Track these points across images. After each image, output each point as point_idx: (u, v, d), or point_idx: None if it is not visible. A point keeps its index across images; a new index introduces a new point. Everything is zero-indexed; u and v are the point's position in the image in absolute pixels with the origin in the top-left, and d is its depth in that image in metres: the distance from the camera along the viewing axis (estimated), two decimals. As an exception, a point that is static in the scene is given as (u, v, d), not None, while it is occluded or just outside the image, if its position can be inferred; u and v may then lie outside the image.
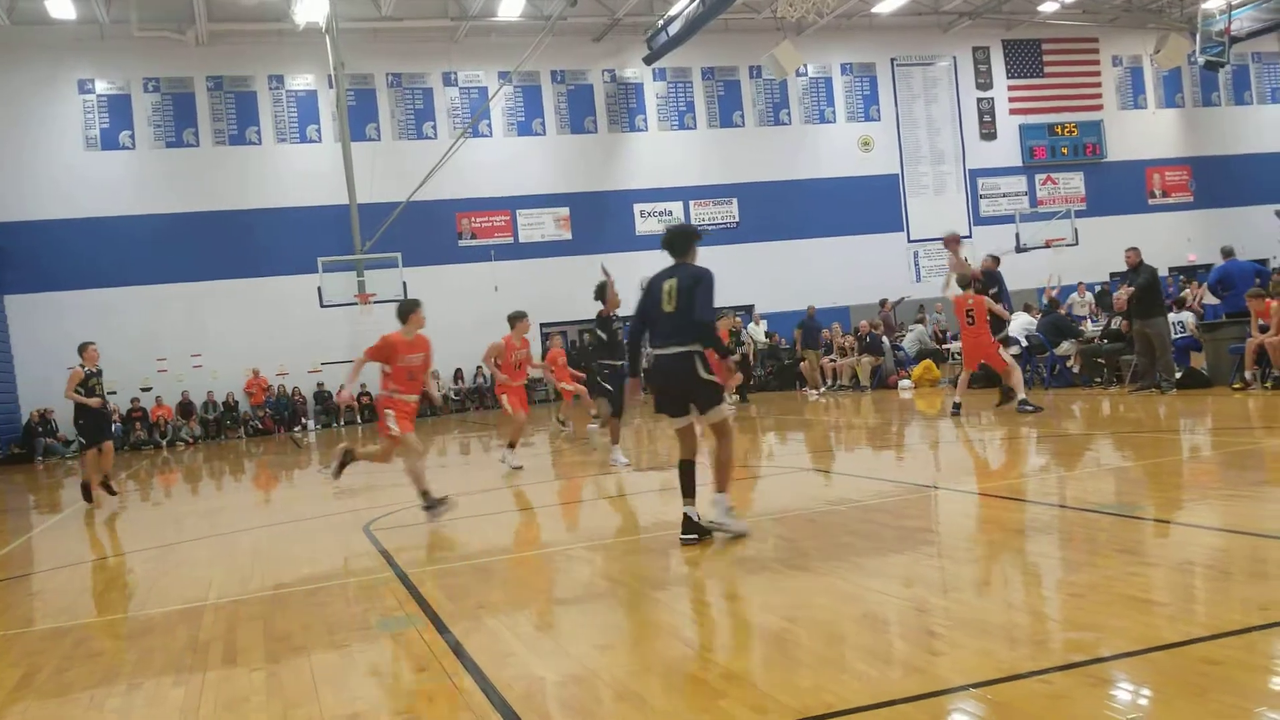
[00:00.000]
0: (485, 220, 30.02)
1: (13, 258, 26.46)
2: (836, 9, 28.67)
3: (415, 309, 9.11)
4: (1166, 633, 4.12)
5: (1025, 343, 17.97)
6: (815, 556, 6.25)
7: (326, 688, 4.49)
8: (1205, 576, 5.09)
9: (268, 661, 4.99)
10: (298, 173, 28.51)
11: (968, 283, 14.47)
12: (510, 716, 3.88)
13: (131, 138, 27.79)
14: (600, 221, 30.53)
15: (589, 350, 11.92)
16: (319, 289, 26.16)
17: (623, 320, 11.40)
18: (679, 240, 7.03)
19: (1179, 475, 8.49)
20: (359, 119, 28.73)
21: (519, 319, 12.58)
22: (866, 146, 32.72)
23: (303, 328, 27.65)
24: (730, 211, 31.75)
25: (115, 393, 26.76)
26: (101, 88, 27.70)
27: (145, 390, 27.17)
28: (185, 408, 27.33)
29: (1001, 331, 14.62)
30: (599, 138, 31.04)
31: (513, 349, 12.69)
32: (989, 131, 34.00)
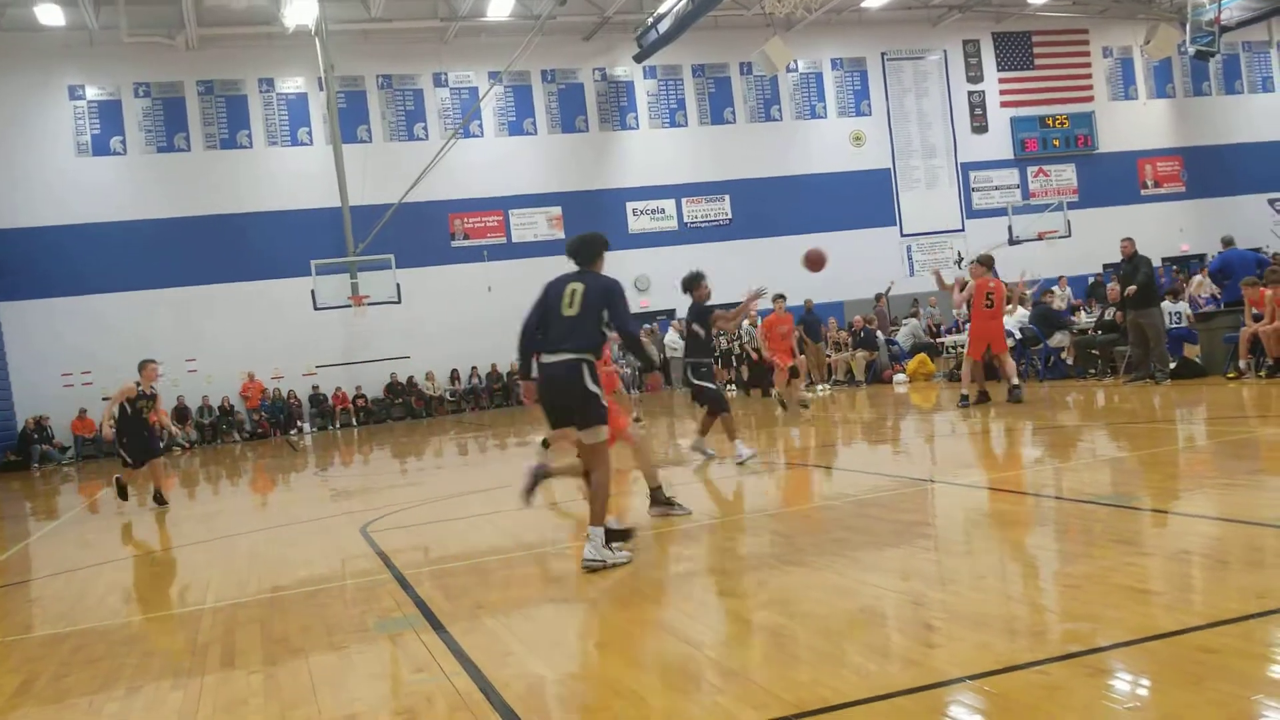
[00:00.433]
0: (478, 220, 30.00)
1: (6, 264, 26.40)
2: (825, 4, 28.68)
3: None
4: (1163, 622, 4.13)
5: (1018, 335, 17.99)
6: (811, 552, 6.26)
7: (325, 689, 4.49)
8: (1202, 566, 5.10)
9: (266, 664, 4.99)
10: (289, 176, 28.47)
11: (990, 263, 14.73)
12: (509, 716, 3.88)
13: (123, 143, 27.73)
14: (593, 220, 30.42)
15: (687, 347, 11.05)
16: (313, 292, 26.14)
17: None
18: (584, 248, 6.68)
19: (1174, 465, 8.51)
20: (350, 121, 28.69)
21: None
22: (858, 141, 32.73)
23: (297, 331, 27.63)
24: (723, 208, 31.76)
25: (110, 398, 26.76)
26: (92, 94, 27.64)
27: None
28: (180, 412, 27.29)
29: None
30: (590, 136, 31.03)
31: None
32: (980, 124, 34.03)
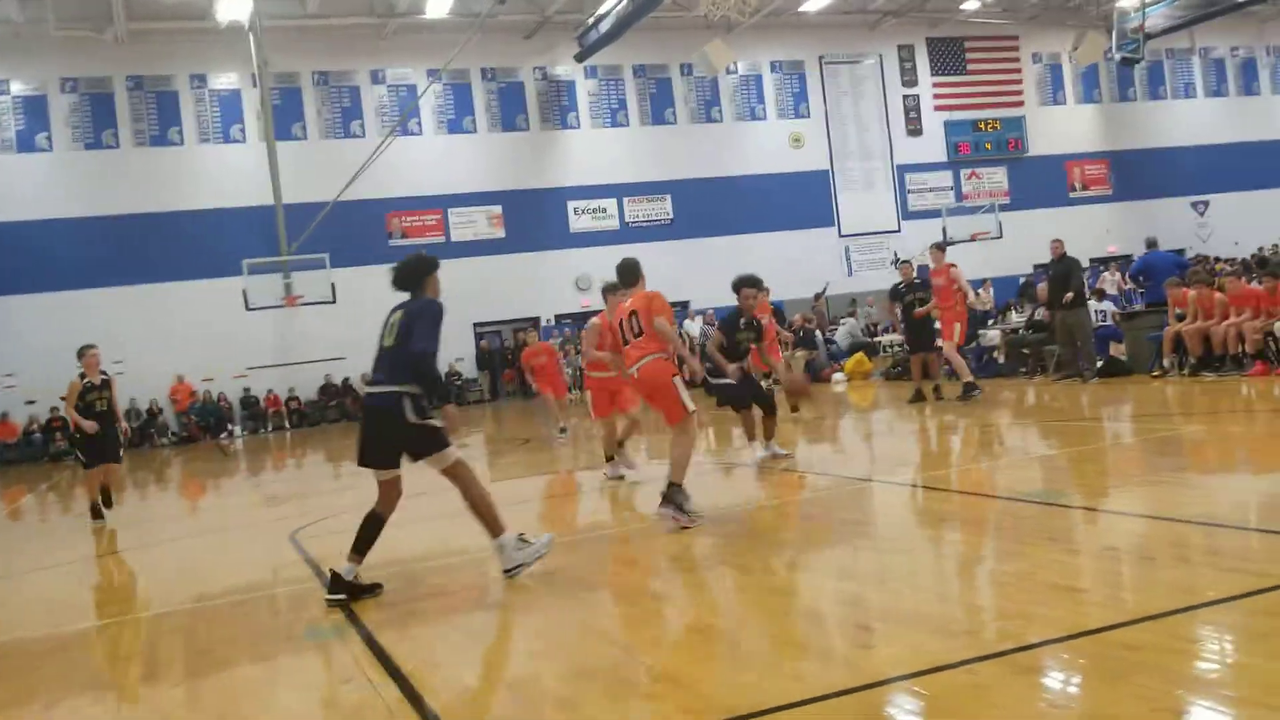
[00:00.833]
0: (416, 219, 29.70)
1: (-75, 264, 25.63)
2: (762, 8, 28.83)
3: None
4: (1090, 619, 4.18)
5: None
6: (749, 553, 6.26)
7: (249, 702, 4.40)
8: (1128, 562, 5.18)
9: (189, 676, 4.88)
10: (221, 173, 27.94)
11: (944, 248, 15.36)
12: (438, 724, 3.82)
13: (49, 139, 27.02)
14: (534, 219, 30.39)
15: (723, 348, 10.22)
16: (244, 292, 25.68)
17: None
18: (407, 275, 6.14)
19: (1102, 462, 8.66)
20: (284, 118, 28.25)
21: None
22: (797, 143, 32.95)
23: (228, 332, 27.11)
24: (664, 208, 31.78)
25: (34, 402, 26.11)
26: (17, 88, 26.90)
27: (63, 399, 26.45)
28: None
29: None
30: (531, 135, 30.88)
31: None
32: (915, 128, 34.42)
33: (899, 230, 33.61)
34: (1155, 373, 14.49)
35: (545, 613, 5.43)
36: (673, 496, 7.03)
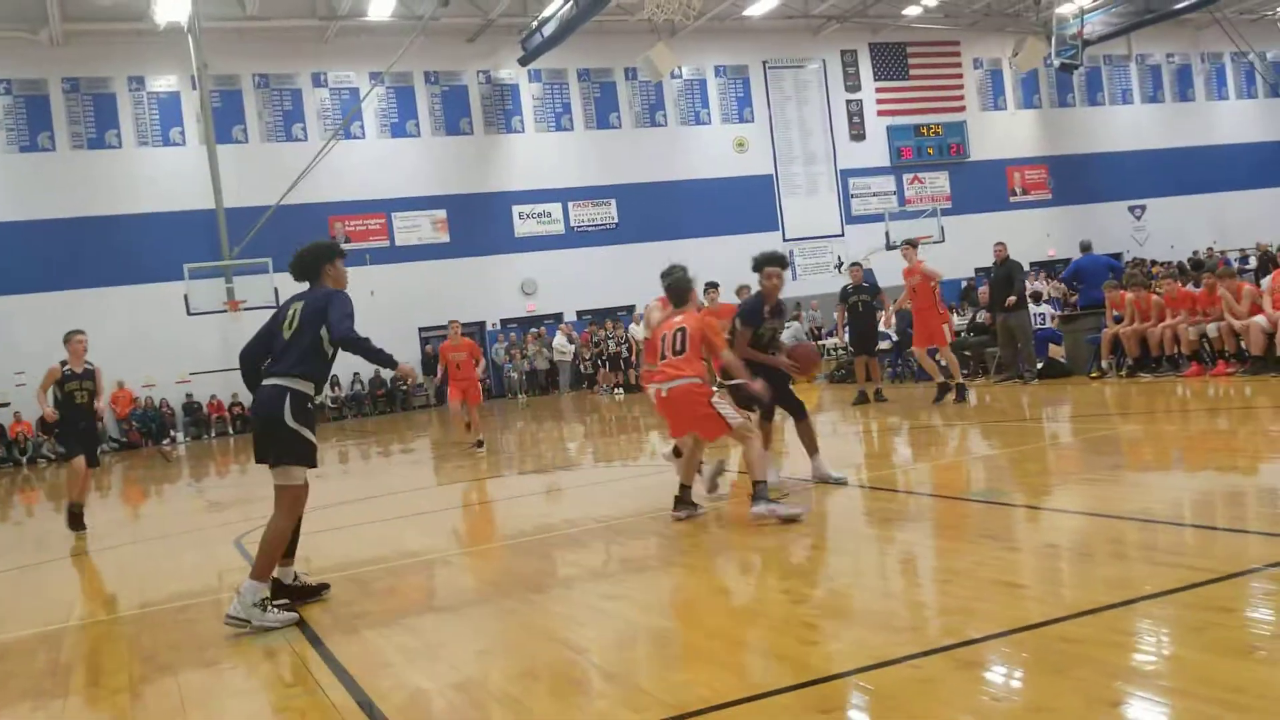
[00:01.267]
0: (359, 223, 29.45)
1: None
2: (706, 12, 28.96)
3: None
4: (1030, 614, 4.26)
5: (895, 338, 18.44)
6: (693, 553, 6.30)
7: (194, 709, 4.35)
8: (1067, 559, 5.29)
9: (132, 683, 4.81)
10: (161, 177, 27.49)
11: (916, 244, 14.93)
12: (387, 728, 3.81)
13: (-19, 142, 26.48)
14: (479, 223, 30.27)
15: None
16: (186, 296, 25.33)
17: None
18: (306, 263, 5.93)
19: (1042, 462, 8.81)
20: (225, 121, 27.89)
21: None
22: (741, 147, 33.14)
23: (169, 337, 26.69)
24: (609, 212, 31.81)
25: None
26: (-53, 90, 26.34)
27: (3, 406, 25.90)
28: (46, 424, 26.09)
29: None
30: (475, 139, 30.75)
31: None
32: (858, 133, 34.78)
33: (842, 235, 33.94)
34: (1094, 374, 14.78)
35: (493, 614, 5.42)
36: (761, 495, 6.85)
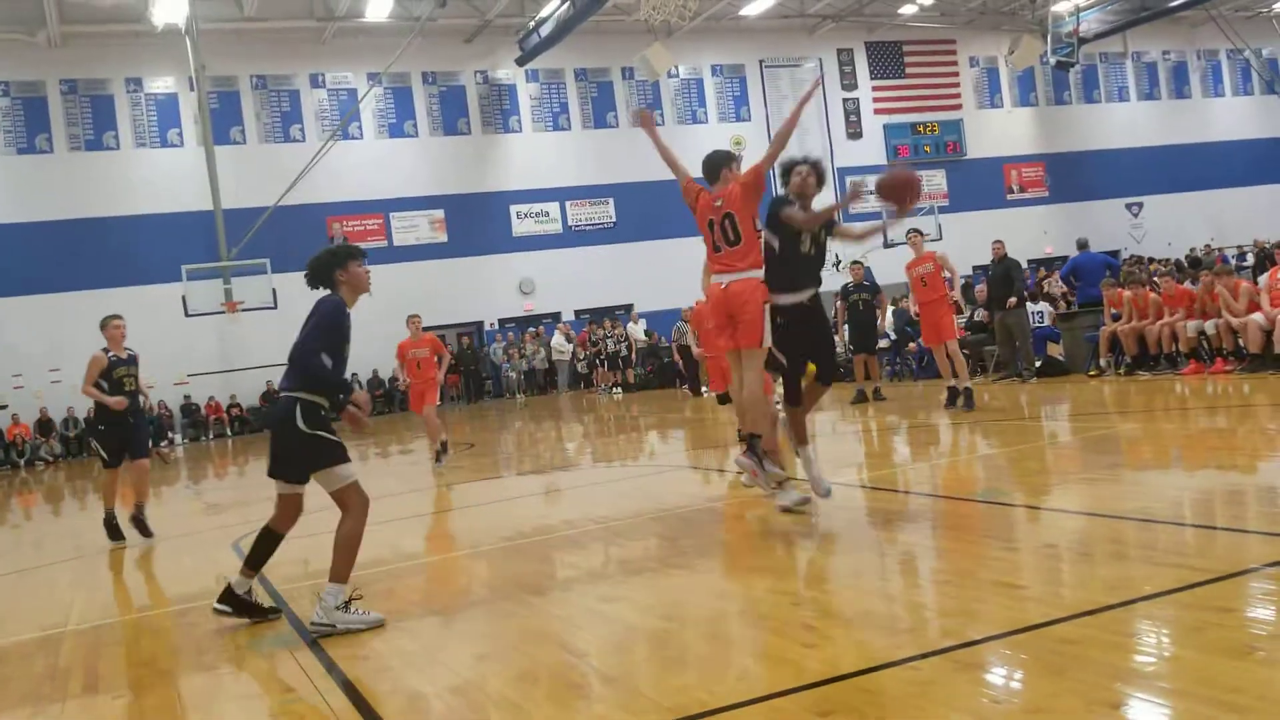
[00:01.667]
0: (357, 224, 29.44)
1: None
2: (702, 12, 28.96)
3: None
4: (1029, 615, 4.25)
5: (893, 336, 18.45)
6: (693, 554, 6.30)
7: (193, 714, 4.34)
8: (1066, 559, 5.28)
9: (131, 688, 4.80)
10: (159, 178, 27.50)
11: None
12: (386, 732, 3.81)
13: (-21, 144, 26.47)
14: (476, 223, 30.26)
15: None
16: (184, 298, 25.33)
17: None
18: (317, 271, 5.70)
19: (1041, 461, 8.81)
20: (222, 122, 27.88)
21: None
22: (738, 146, 33.08)
23: (167, 339, 26.63)
24: (607, 211, 31.81)
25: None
26: (-55, 92, 26.33)
27: (1, 408, 25.89)
28: (44, 425, 26.13)
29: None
30: (473, 139, 30.75)
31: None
32: (855, 131, 34.78)
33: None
34: (1092, 372, 14.78)
35: (491, 617, 5.41)
36: (754, 449, 6.44)
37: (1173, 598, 4.25)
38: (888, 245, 30.02)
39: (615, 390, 25.97)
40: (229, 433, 27.45)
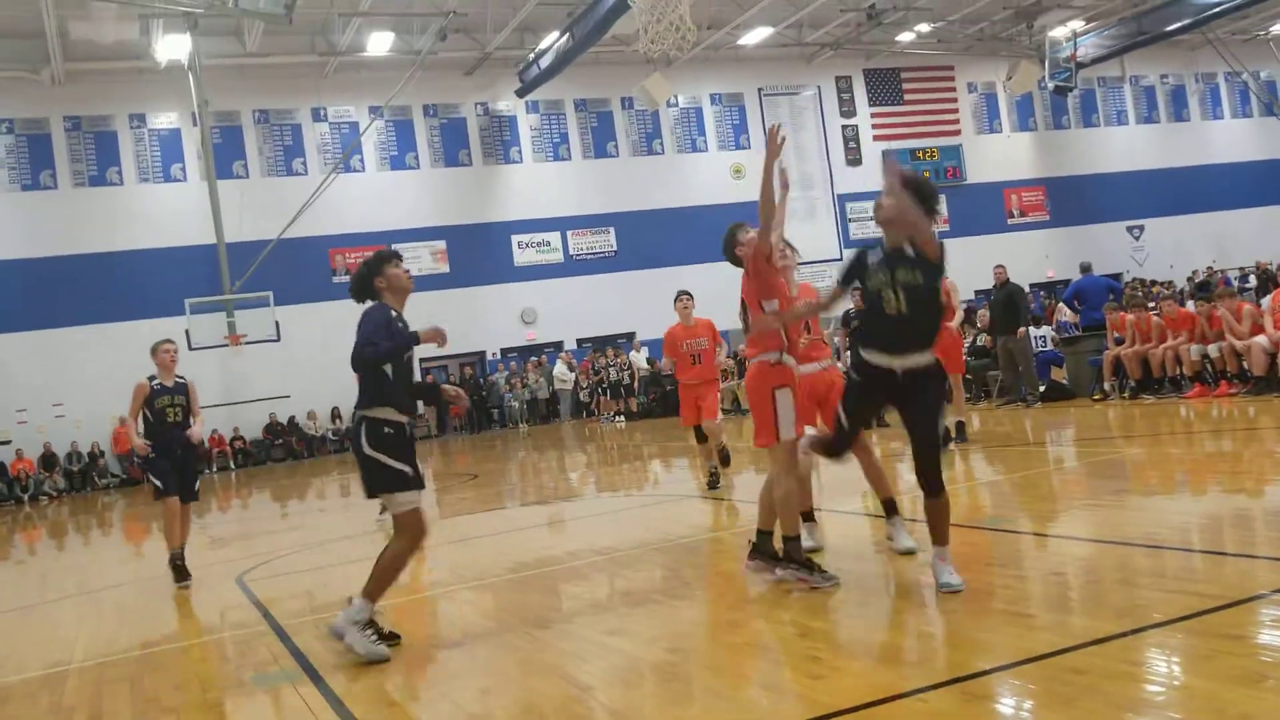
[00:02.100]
0: (359, 255, 29.41)
1: None
2: (700, 42, 29.13)
3: None
4: (1037, 644, 4.22)
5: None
6: (698, 585, 6.27)
7: (197, 752, 4.31)
8: (1074, 586, 5.26)
9: (134, 727, 4.78)
10: (162, 213, 27.59)
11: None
12: (391, 770, 3.78)
13: (-17, 181, 26.59)
14: (478, 254, 30.32)
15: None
16: (187, 331, 25.34)
17: None
18: (358, 285, 5.83)
19: (1047, 486, 8.78)
20: (225, 156, 28.00)
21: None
22: (738, 174, 33.23)
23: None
24: (608, 240, 31.88)
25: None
26: (-52, 130, 26.48)
27: (4, 444, 25.87)
28: (48, 460, 26.11)
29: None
30: (474, 170, 30.87)
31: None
32: (854, 157, 34.89)
33: (841, 259, 33.98)
34: (1096, 396, 14.76)
35: (496, 650, 5.38)
36: (794, 553, 5.78)
37: (1182, 625, 4.22)
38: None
39: (618, 419, 25.94)
40: (232, 466, 27.42)
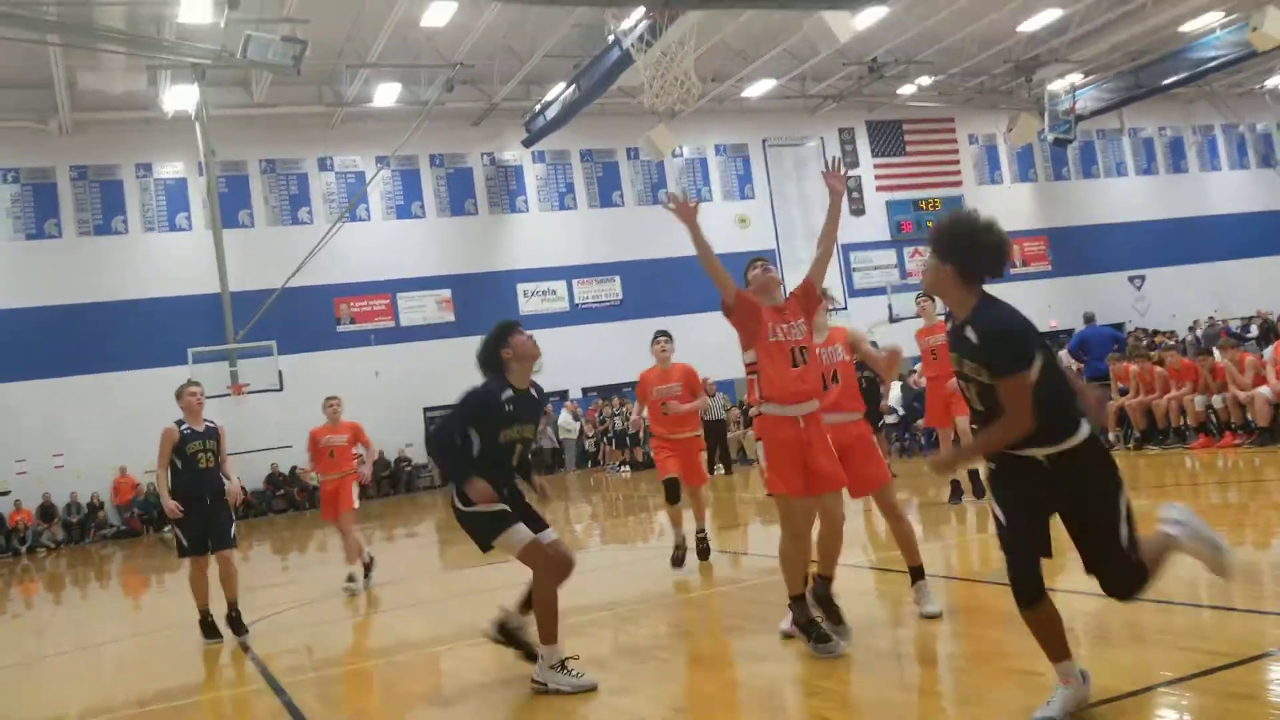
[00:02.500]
0: (364, 304, 29.60)
1: None
2: (705, 94, 29.40)
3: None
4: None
5: (901, 412, 18.37)
6: (703, 640, 6.20)
7: (193, 813, 4.24)
8: (1083, 643, 5.19)
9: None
10: (167, 262, 27.70)
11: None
12: (390, 834, 3.71)
13: (-11, 230, 26.76)
14: (484, 302, 30.33)
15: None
16: (189, 381, 25.35)
17: None
18: (484, 359, 5.97)
19: (1055, 539, 8.68)
20: (231, 206, 28.15)
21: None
22: (743, 224, 33.39)
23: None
24: (613, 289, 31.98)
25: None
26: (-45, 179, 26.69)
27: (3, 494, 25.79)
28: (46, 511, 26.00)
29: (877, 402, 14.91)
30: (480, 219, 31.03)
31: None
32: (858, 208, 35.05)
33: (844, 308, 34.02)
34: (1101, 446, 14.66)
35: (499, 708, 5.32)
36: (831, 610, 5.65)
37: (1192, 684, 4.16)
38: (894, 320, 30.18)
39: (623, 468, 25.85)
40: (235, 516, 27.26)
